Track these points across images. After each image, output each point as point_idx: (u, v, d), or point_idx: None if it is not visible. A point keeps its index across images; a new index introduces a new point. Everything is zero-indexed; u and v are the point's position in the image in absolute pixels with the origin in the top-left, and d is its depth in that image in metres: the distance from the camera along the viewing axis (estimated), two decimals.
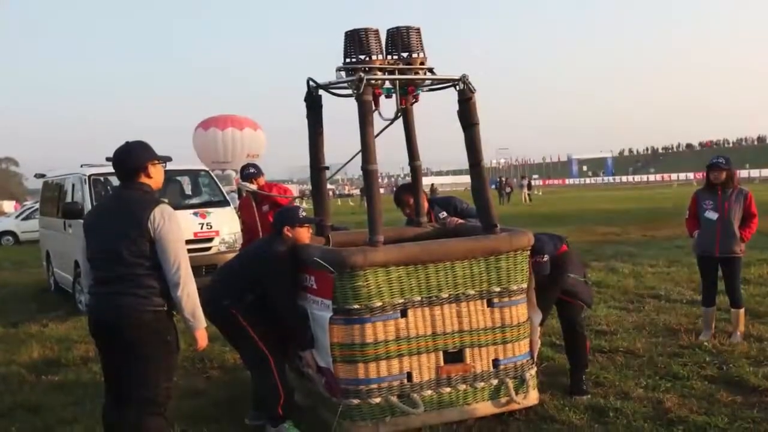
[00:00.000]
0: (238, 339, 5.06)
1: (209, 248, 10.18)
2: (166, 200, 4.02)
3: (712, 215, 6.97)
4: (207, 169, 12.50)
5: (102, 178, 10.44)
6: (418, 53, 5.26)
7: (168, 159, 4.25)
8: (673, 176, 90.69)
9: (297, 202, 7.36)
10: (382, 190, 5.34)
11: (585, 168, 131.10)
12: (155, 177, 4.11)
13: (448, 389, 4.97)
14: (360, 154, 5.02)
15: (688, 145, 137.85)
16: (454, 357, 5.00)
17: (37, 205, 16.56)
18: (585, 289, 5.80)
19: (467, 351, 5.02)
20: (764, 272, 10.68)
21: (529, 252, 5.24)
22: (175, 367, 4.19)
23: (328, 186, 6.27)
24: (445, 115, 5.67)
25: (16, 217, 28.72)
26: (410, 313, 4.85)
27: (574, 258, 5.83)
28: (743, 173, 71.04)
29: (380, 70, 5.14)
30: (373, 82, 5.06)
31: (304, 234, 5.10)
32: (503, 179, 52.58)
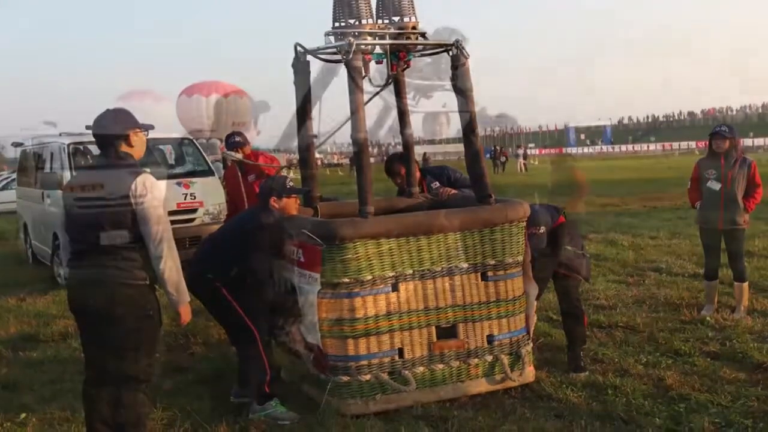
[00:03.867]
0: (222, 314, 4.99)
1: (193, 219, 10.02)
2: (149, 170, 3.95)
3: (715, 185, 6.85)
4: (191, 137, 12.30)
5: (82, 147, 10.23)
6: (409, 17, 5.20)
7: (150, 127, 4.14)
8: (675, 145, 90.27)
9: (284, 172, 7.23)
10: (372, 160, 5.24)
11: (583, 137, 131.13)
12: (137, 146, 4.02)
13: (440, 366, 4.92)
14: (349, 121, 4.92)
15: (690, 113, 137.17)
16: (447, 332, 4.95)
17: (15, 175, 16.33)
18: (583, 262, 5.72)
19: (461, 326, 4.97)
20: None
21: (524, 223, 5.17)
22: (157, 343, 4.12)
23: (317, 155, 6.16)
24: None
25: None
26: (402, 286, 4.80)
27: (571, 230, 5.73)
28: (747, 142, 71.23)
29: (370, 35, 5.09)
30: (363, 47, 5.00)
31: (292, 205, 5.03)
32: (498, 148, 52.60)
